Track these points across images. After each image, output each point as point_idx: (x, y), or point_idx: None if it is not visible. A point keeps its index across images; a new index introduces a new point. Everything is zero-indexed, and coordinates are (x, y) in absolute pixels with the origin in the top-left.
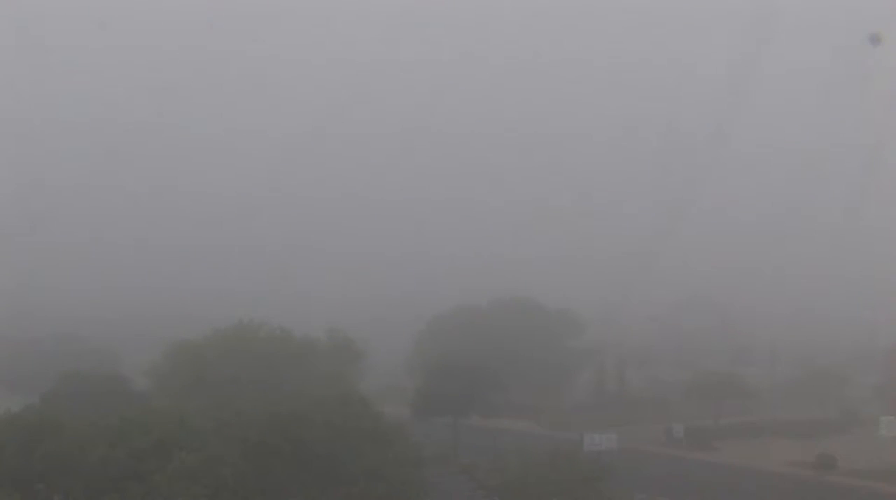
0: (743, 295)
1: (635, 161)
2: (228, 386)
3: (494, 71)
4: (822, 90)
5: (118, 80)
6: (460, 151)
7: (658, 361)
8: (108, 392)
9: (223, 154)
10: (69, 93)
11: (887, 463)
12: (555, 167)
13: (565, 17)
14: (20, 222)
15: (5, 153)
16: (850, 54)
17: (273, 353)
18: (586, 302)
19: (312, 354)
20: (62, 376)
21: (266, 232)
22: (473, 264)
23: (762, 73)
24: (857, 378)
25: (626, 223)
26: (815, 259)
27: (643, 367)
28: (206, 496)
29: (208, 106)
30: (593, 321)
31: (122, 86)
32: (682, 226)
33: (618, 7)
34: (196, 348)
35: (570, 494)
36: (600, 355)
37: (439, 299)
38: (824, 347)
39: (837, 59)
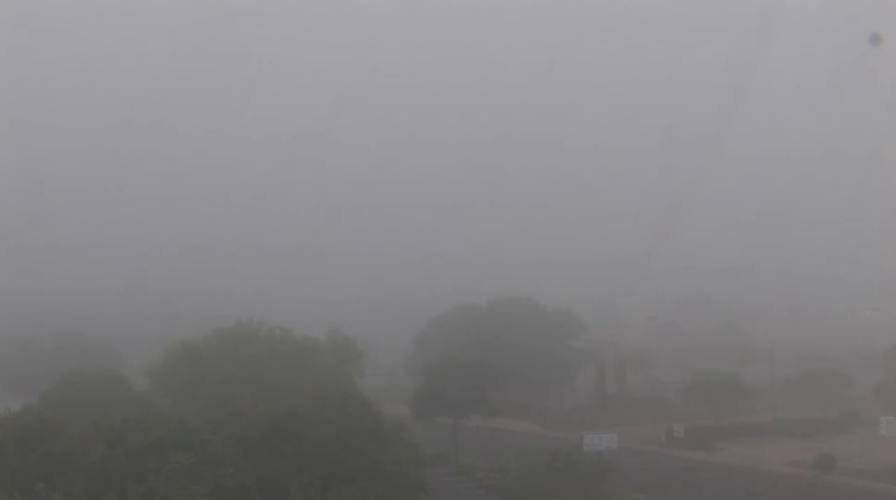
0: (743, 295)
1: (635, 162)
2: (228, 386)
3: (494, 74)
4: (822, 90)
5: (119, 83)
6: (461, 153)
7: (658, 361)
8: (108, 392)
9: (224, 156)
10: (70, 95)
11: (887, 463)
12: (555, 168)
13: (565, 21)
14: (21, 223)
15: (6, 155)
16: (850, 55)
17: (273, 353)
18: (586, 302)
19: (312, 354)
20: (62, 376)
21: (266, 233)
22: (473, 265)
23: (762, 73)
24: (857, 378)
25: (625, 224)
26: (815, 259)
27: (643, 367)
28: (205, 496)
29: (209, 109)
30: (593, 321)
31: (123, 89)
32: (681, 226)
33: (617, 9)
34: (196, 348)
35: (570, 494)
36: (600, 356)
37: (439, 299)
38: (824, 347)
39: (837, 59)
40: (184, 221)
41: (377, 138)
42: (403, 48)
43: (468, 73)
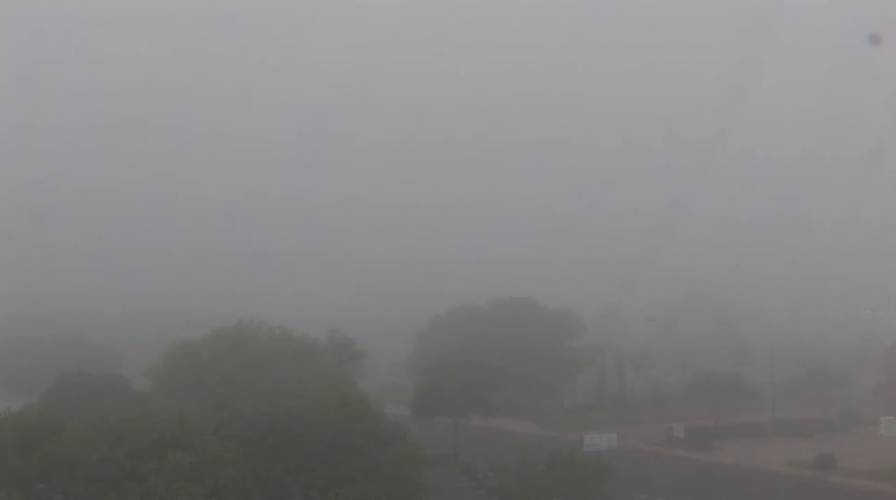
0: (743, 295)
1: (635, 162)
2: (228, 386)
3: (495, 75)
4: (823, 90)
5: (119, 84)
6: (461, 153)
7: (658, 361)
8: (108, 392)
9: (224, 156)
10: (70, 96)
11: (887, 463)
12: (555, 168)
13: (566, 21)
14: (21, 223)
15: (7, 154)
16: (850, 55)
17: (273, 353)
18: (586, 302)
19: (312, 354)
20: (62, 376)
21: (266, 233)
22: (473, 265)
23: (762, 73)
24: (857, 378)
25: (625, 223)
26: (815, 259)
27: (643, 367)
28: (205, 496)
29: (209, 109)
30: (593, 321)
31: (124, 90)
32: (682, 226)
33: (618, 9)
34: (196, 348)
35: (570, 494)
36: (600, 356)
37: (439, 299)
38: (824, 347)
39: (837, 59)
40: (184, 221)
41: (377, 138)
42: (403, 48)
43: (468, 72)
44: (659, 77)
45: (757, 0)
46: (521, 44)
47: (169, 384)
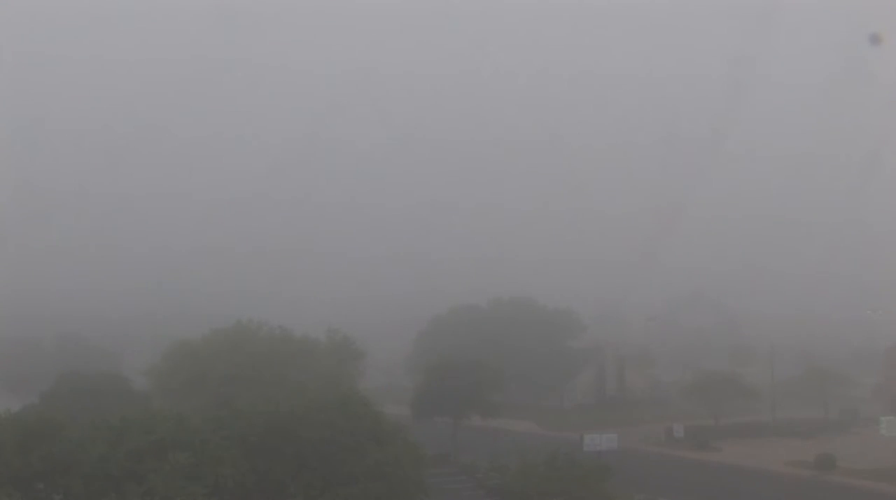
0: (743, 295)
1: (635, 161)
2: (228, 386)
3: (494, 75)
4: (823, 90)
5: (120, 85)
6: (461, 152)
7: (658, 361)
8: (108, 392)
9: (224, 156)
10: (72, 97)
11: (887, 463)
12: (555, 168)
13: (565, 20)
14: (21, 223)
15: (7, 155)
16: (850, 55)
17: (273, 353)
18: (586, 302)
19: (312, 354)
20: (62, 376)
21: (266, 233)
22: (473, 265)
23: (761, 73)
24: (857, 378)
25: (625, 224)
26: (815, 259)
27: (643, 367)
28: (204, 496)
29: (209, 110)
30: (593, 321)
31: (124, 91)
32: (681, 226)
33: (617, 8)
34: (195, 347)
35: (570, 494)
36: (600, 355)
37: (439, 299)
38: (824, 347)
39: (837, 59)
40: (184, 222)
41: (377, 138)
42: (403, 48)
43: (467, 72)
44: (658, 77)
45: (757, 0)
46: (520, 44)
47: (169, 384)
